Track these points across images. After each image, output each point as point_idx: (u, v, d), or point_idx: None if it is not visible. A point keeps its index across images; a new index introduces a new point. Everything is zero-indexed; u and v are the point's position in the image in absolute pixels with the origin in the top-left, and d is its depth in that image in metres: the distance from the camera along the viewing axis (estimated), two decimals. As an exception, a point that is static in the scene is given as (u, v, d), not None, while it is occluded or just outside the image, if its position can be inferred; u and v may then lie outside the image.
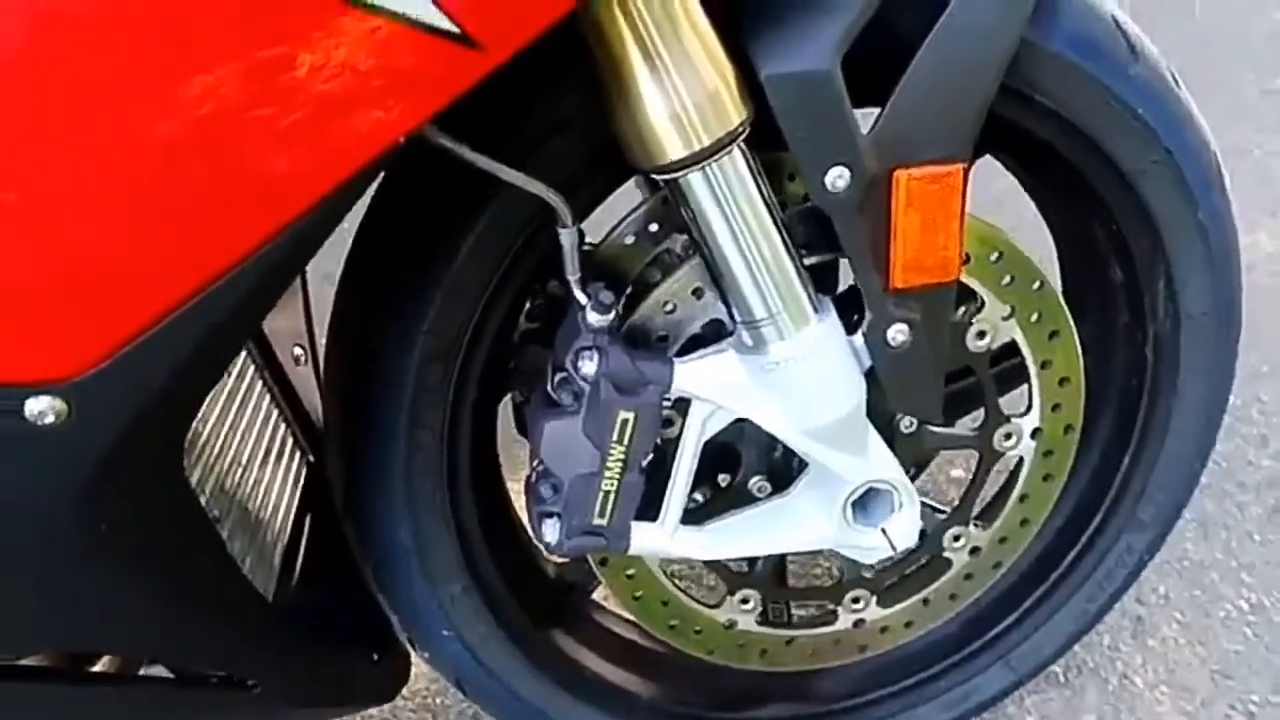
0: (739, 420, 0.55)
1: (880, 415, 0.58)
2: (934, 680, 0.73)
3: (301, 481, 0.71)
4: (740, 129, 0.47)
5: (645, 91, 0.45)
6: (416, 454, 0.57)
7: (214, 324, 0.37)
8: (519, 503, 0.66)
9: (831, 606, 0.69)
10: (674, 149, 0.46)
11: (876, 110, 0.50)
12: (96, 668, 0.54)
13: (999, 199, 0.72)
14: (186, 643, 0.49)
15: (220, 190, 0.34)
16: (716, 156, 0.47)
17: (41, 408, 0.36)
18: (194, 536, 0.47)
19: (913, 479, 0.68)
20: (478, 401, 0.60)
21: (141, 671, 0.54)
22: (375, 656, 0.65)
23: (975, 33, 0.49)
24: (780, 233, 0.51)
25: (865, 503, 0.59)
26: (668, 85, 0.45)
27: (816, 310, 0.53)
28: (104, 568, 0.42)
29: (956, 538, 0.67)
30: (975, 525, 0.68)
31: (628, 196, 0.61)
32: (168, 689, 0.52)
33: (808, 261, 0.54)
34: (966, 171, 0.52)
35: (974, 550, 0.68)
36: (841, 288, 0.58)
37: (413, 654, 0.68)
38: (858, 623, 0.69)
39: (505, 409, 0.66)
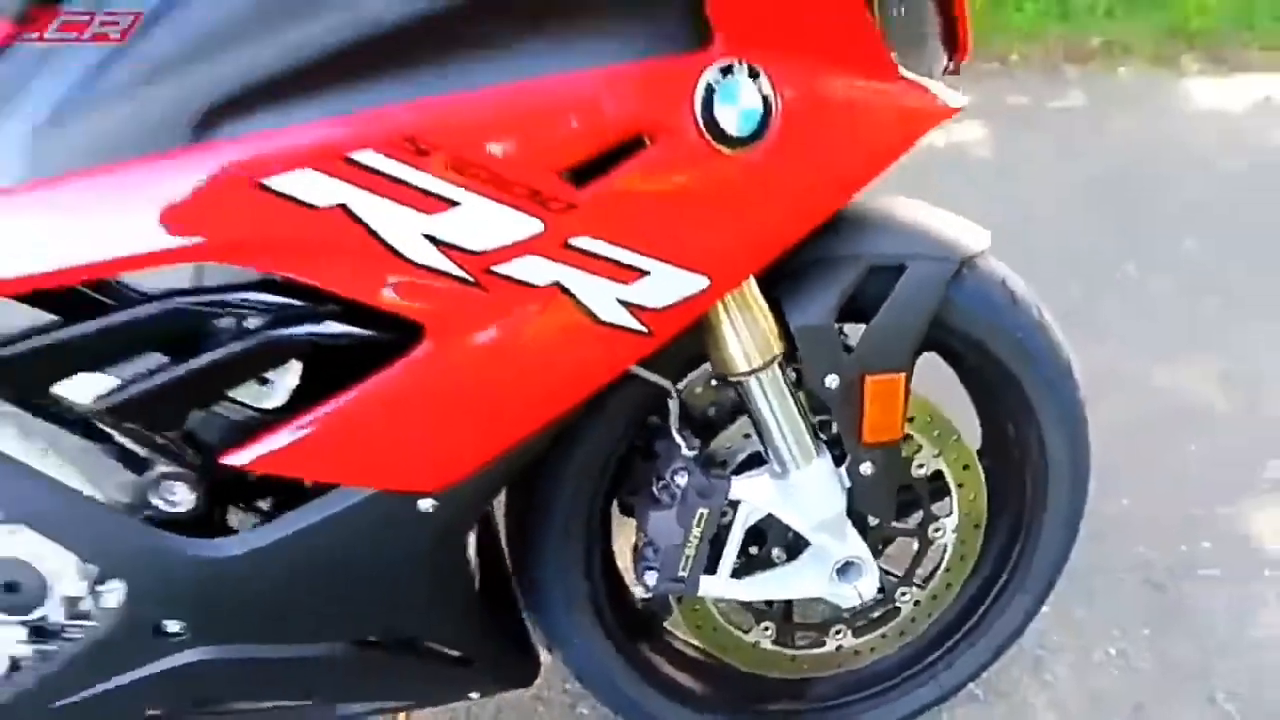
0: (769, 515, 0.87)
1: (856, 516, 0.90)
2: (888, 690, 1.03)
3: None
4: (778, 356, 0.80)
5: (726, 335, 0.78)
6: (567, 534, 0.88)
7: (518, 460, 0.69)
8: (621, 560, 0.98)
9: (821, 635, 1.00)
10: (740, 367, 0.79)
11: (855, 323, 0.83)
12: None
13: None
14: (455, 632, 0.80)
15: (532, 406, 0.67)
16: (761, 371, 0.80)
17: (427, 505, 0.69)
18: (467, 570, 0.79)
19: (883, 550, 1.00)
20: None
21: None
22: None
23: (914, 297, 0.82)
24: (799, 410, 0.83)
25: (844, 569, 0.90)
26: (739, 333, 0.78)
27: (818, 453, 0.85)
28: (430, 589, 0.74)
29: (904, 593, 0.99)
30: (916, 586, 0.99)
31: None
32: (426, 661, 0.83)
33: (819, 419, 0.87)
34: (908, 376, 0.84)
35: (916, 603, 1.00)
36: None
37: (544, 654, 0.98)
38: (839, 648, 1.00)
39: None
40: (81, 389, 0.61)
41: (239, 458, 0.63)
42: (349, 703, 0.84)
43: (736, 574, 0.90)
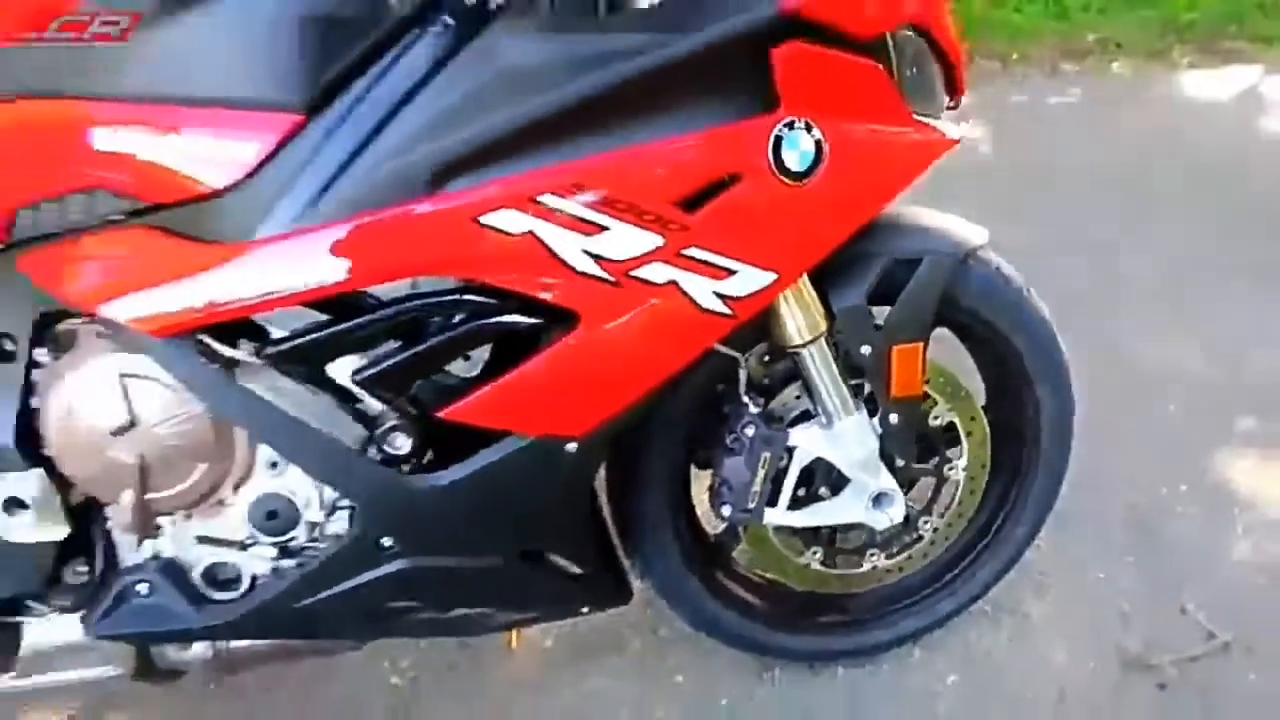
0: (818, 458, 1.12)
1: (886, 458, 1.15)
2: (917, 602, 1.28)
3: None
4: (824, 331, 1.05)
5: (785, 317, 1.03)
6: (656, 484, 1.13)
7: (635, 413, 0.94)
8: (698, 504, 1.23)
9: (859, 558, 1.25)
10: (796, 341, 1.04)
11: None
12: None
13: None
14: (579, 548, 1.06)
15: (649, 371, 0.92)
16: (811, 344, 1.05)
17: (571, 447, 0.94)
18: (591, 499, 1.04)
19: (909, 490, 1.23)
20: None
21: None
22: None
23: (928, 283, 1.07)
24: (840, 374, 1.08)
25: (878, 500, 1.15)
26: (795, 315, 1.03)
27: (855, 408, 1.10)
28: (566, 513, 1.00)
29: (925, 522, 1.24)
30: (935, 515, 1.24)
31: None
32: (554, 578, 1.08)
33: (855, 381, 1.11)
34: (925, 346, 1.08)
35: (935, 530, 1.25)
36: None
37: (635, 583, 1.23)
38: (874, 567, 1.25)
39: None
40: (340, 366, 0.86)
41: (448, 412, 0.88)
42: (500, 611, 1.10)
43: (792, 506, 1.14)
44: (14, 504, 0.93)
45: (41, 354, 0.91)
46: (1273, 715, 1.27)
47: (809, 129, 0.87)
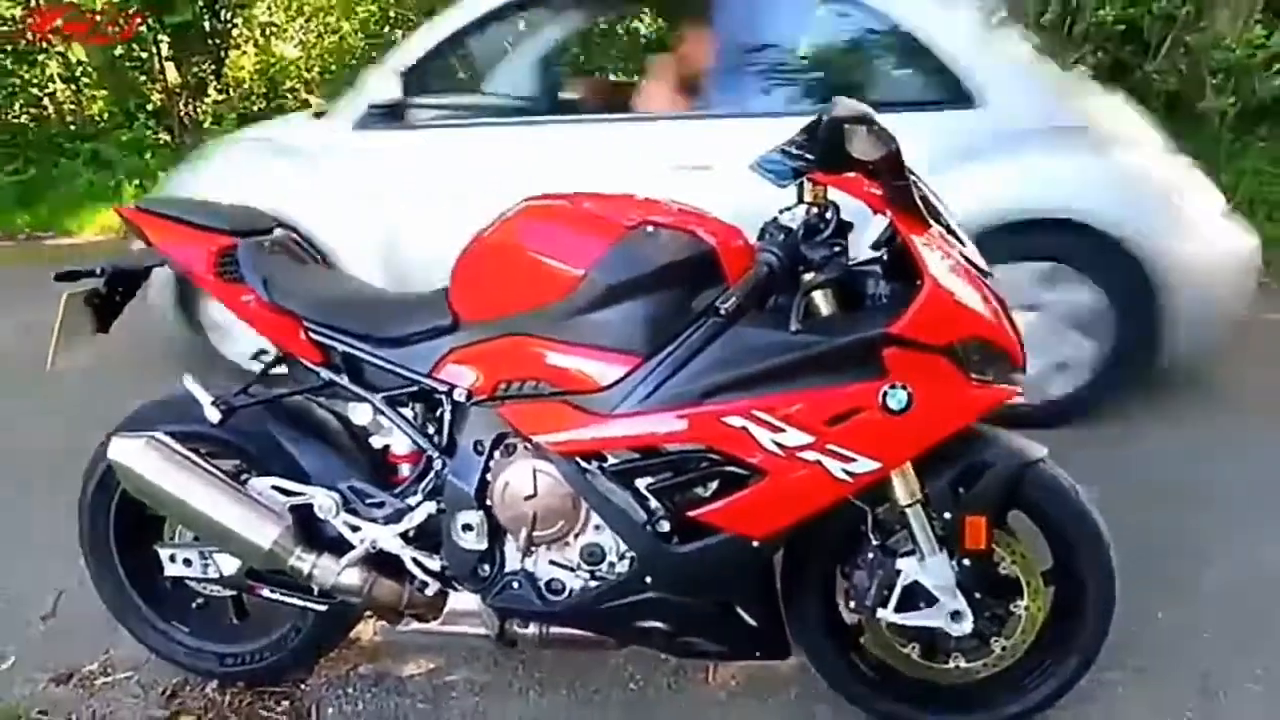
0: (915, 580, 1.94)
1: (963, 589, 1.94)
2: (989, 703, 2.03)
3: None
4: (919, 500, 1.90)
5: (896, 487, 1.90)
6: (812, 582, 2.02)
7: (796, 529, 1.86)
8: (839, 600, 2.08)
9: (946, 657, 2.03)
10: (901, 502, 1.90)
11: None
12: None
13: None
14: (759, 606, 1.97)
15: (802, 506, 1.83)
16: (911, 506, 1.90)
17: (756, 543, 1.87)
18: (770, 576, 1.96)
19: (994, 619, 2.01)
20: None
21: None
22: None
23: (993, 481, 1.89)
24: (931, 528, 1.91)
25: (954, 615, 1.95)
26: (900, 486, 1.89)
27: (940, 551, 1.92)
28: (752, 580, 1.92)
29: (995, 640, 2.00)
30: (1004, 637, 2.00)
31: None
32: (738, 624, 2.00)
33: (941, 533, 1.93)
34: (989, 519, 1.89)
35: (1003, 647, 2.01)
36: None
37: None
38: (956, 666, 2.03)
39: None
40: (639, 480, 1.88)
41: (691, 514, 1.85)
42: (703, 641, 2.02)
43: (898, 609, 1.97)
44: (466, 528, 2.02)
45: (495, 452, 2.00)
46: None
47: (904, 388, 1.76)
